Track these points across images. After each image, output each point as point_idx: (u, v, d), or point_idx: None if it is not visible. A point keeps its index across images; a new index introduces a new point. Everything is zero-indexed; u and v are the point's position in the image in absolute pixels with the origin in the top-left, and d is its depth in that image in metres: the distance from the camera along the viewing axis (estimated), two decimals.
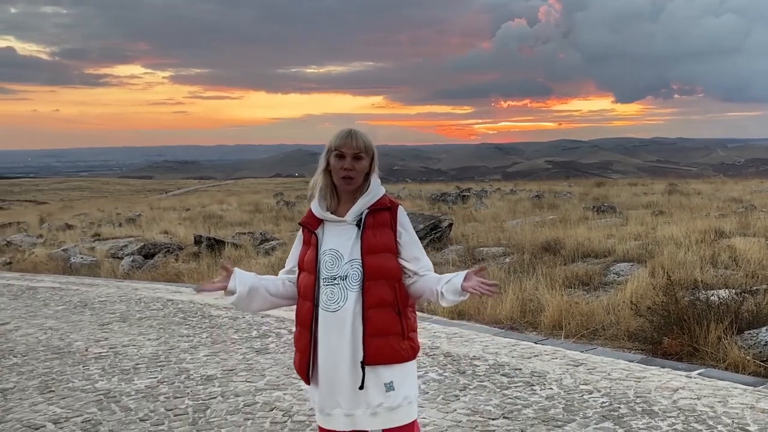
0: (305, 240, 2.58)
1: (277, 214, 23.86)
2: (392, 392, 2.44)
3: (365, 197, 2.50)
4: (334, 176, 2.50)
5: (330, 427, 2.52)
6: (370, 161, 2.52)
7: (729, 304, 6.12)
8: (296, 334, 2.57)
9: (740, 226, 11.33)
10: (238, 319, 7.26)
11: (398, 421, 2.48)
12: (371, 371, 2.43)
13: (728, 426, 3.82)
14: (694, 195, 21.62)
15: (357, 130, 2.52)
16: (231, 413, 4.30)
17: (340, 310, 2.43)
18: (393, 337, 2.44)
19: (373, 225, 2.48)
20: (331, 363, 2.45)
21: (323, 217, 2.53)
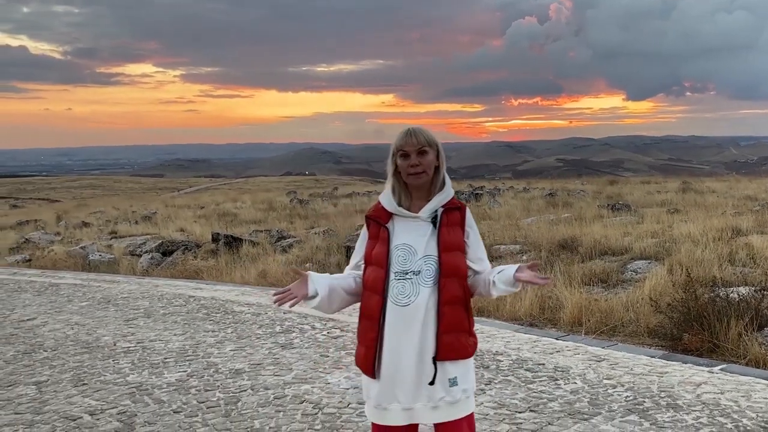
0: (372, 234, 2.58)
1: (291, 212, 23.99)
2: (455, 387, 2.48)
3: (440, 195, 2.53)
4: (403, 175, 2.52)
5: (385, 422, 2.53)
6: (436, 154, 2.53)
7: (749, 301, 6.16)
8: (362, 328, 2.58)
9: (757, 224, 11.34)
10: (261, 315, 7.37)
11: (457, 414, 2.51)
12: (440, 366, 2.45)
13: (753, 419, 3.88)
14: (708, 193, 21.55)
15: (416, 127, 2.55)
16: (262, 405, 4.40)
17: (411, 304, 2.45)
18: (462, 334, 2.49)
19: (447, 223, 2.51)
20: (397, 357, 2.46)
21: (396, 211, 2.53)
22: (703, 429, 3.76)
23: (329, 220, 19.14)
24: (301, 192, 37.82)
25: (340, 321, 6.96)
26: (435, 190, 2.53)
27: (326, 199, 29.96)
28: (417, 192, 2.54)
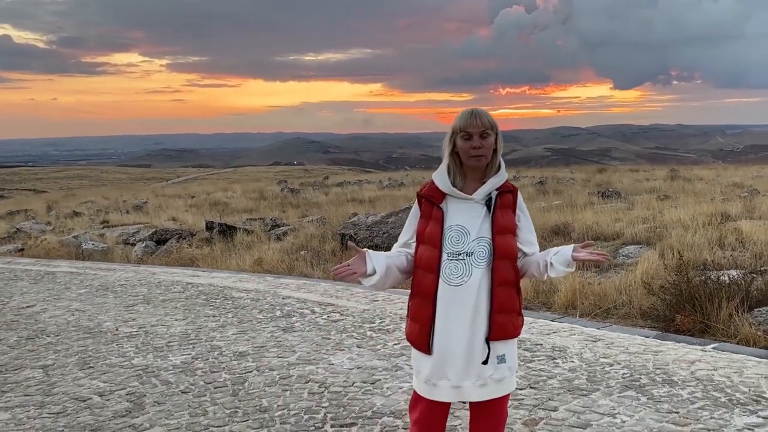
0: (425, 213, 2.58)
1: (282, 201, 24.03)
2: (503, 364, 2.54)
3: (496, 178, 2.55)
4: (463, 156, 2.54)
5: (434, 397, 2.56)
6: (495, 138, 2.55)
7: (739, 283, 6.31)
8: (415, 305, 2.59)
9: (745, 209, 11.53)
10: (260, 301, 7.46)
11: (503, 391, 2.58)
12: (491, 346, 2.52)
13: (745, 393, 4.02)
14: (696, 180, 21.80)
15: (480, 109, 2.55)
16: (268, 385, 4.50)
17: (464, 285, 2.48)
18: (513, 314, 2.55)
19: (501, 206, 2.54)
20: (448, 335, 2.50)
21: (451, 192, 2.55)
22: (698, 403, 3.90)
23: (321, 209, 19.21)
24: (291, 181, 37.82)
25: (338, 306, 7.06)
26: (490, 173, 2.56)
27: (317, 188, 30.00)
28: (472, 173, 2.57)
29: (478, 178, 2.56)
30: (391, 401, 4.11)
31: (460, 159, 2.56)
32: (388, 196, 21.91)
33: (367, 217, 12.12)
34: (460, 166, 2.57)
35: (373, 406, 4.04)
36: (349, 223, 12.11)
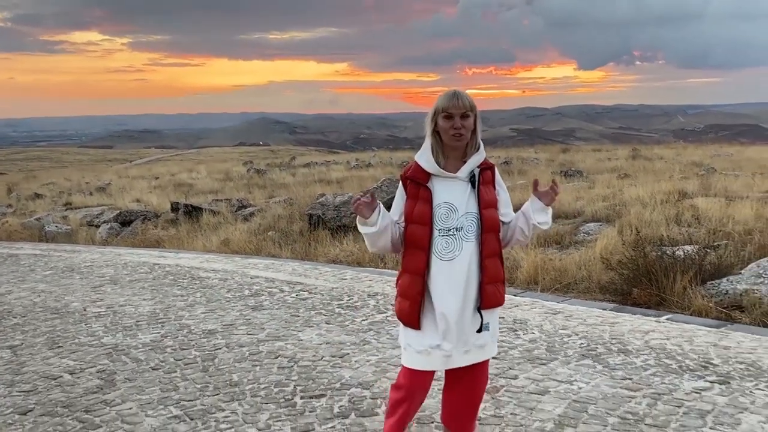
0: (411, 194, 2.70)
1: (248, 182, 23.92)
2: (486, 332, 2.70)
3: (477, 156, 2.69)
4: (444, 136, 2.66)
5: (427, 367, 2.70)
6: (475, 119, 2.68)
7: (693, 257, 6.57)
8: (406, 283, 2.71)
9: (702, 187, 11.89)
10: (228, 280, 7.52)
11: (485, 356, 2.75)
12: (476, 314, 2.67)
13: (695, 360, 4.24)
14: (656, 159, 22.29)
15: (461, 91, 2.68)
16: (238, 361, 4.59)
17: (456, 259, 2.63)
18: (500, 284, 2.71)
19: (483, 182, 2.69)
20: (441, 307, 2.63)
21: (436, 172, 2.67)
22: (651, 369, 4.10)
23: (288, 190, 19.19)
24: (257, 162, 37.57)
25: (307, 285, 7.16)
26: (470, 151, 2.70)
27: (284, 168, 29.89)
28: (453, 153, 2.70)
29: (459, 157, 2.69)
30: (359, 373, 4.24)
31: (441, 138, 2.67)
32: (355, 176, 21.97)
33: (335, 198, 12.18)
34: (442, 145, 2.68)
35: (341, 378, 4.16)
36: (316, 204, 12.16)
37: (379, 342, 4.91)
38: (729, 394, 3.68)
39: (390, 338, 4.98)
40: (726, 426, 3.29)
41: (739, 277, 6.35)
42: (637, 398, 3.66)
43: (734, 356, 4.30)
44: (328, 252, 9.54)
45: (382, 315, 5.70)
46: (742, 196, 10.45)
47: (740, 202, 9.62)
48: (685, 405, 3.55)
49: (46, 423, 3.67)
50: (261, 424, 3.53)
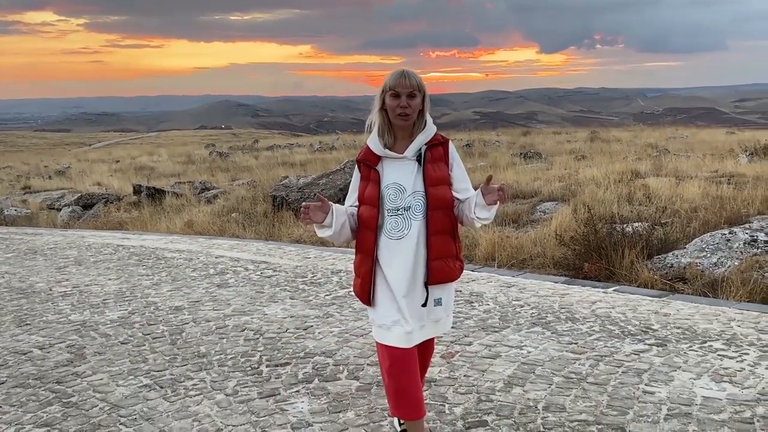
0: (364, 176, 2.77)
1: (211, 165, 23.84)
2: (438, 307, 2.75)
3: (423, 134, 2.72)
4: (390, 114, 2.69)
5: (387, 342, 2.73)
6: (422, 99, 2.70)
7: (641, 233, 6.92)
8: (357, 261, 2.79)
9: (654, 167, 12.32)
10: (193, 260, 7.63)
11: (440, 331, 2.82)
12: (429, 290, 2.72)
13: (636, 326, 4.55)
14: (614, 142, 22.85)
15: (409, 70, 2.70)
16: (205, 334, 4.76)
17: (404, 237, 2.68)
18: (450, 259, 2.73)
19: (431, 160, 2.70)
20: (394, 285, 2.68)
21: (383, 154, 2.71)
22: (595, 335, 4.39)
23: (251, 173, 19.21)
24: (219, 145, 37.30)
25: (271, 263, 7.32)
26: (417, 131, 2.73)
27: (247, 151, 29.78)
28: (401, 132, 2.74)
29: (407, 137, 2.73)
30: (323, 343, 4.44)
31: (389, 117, 2.71)
32: (319, 159, 22.05)
33: (298, 180, 12.32)
34: (389, 125, 2.73)
35: (305, 348, 4.36)
36: (280, 185, 12.28)
37: (342, 315, 5.12)
38: (665, 355, 3.98)
39: (352, 311, 5.20)
40: (660, 383, 3.58)
41: (684, 252, 6.71)
42: (581, 360, 3.94)
43: (673, 322, 4.62)
44: (292, 232, 9.70)
45: (344, 290, 5.91)
46: (691, 176, 10.88)
47: (689, 182, 10.04)
48: (625, 365, 3.84)
49: (19, 394, 3.80)
50: (229, 390, 3.71)
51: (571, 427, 3.12)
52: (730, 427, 3.05)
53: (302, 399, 3.56)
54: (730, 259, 6.32)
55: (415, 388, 2.78)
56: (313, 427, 3.23)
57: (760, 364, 3.79)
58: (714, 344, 4.14)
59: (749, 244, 6.60)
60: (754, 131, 28.80)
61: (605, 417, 3.20)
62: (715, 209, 8.07)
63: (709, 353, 3.99)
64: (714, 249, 6.62)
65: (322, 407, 3.45)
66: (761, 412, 3.19)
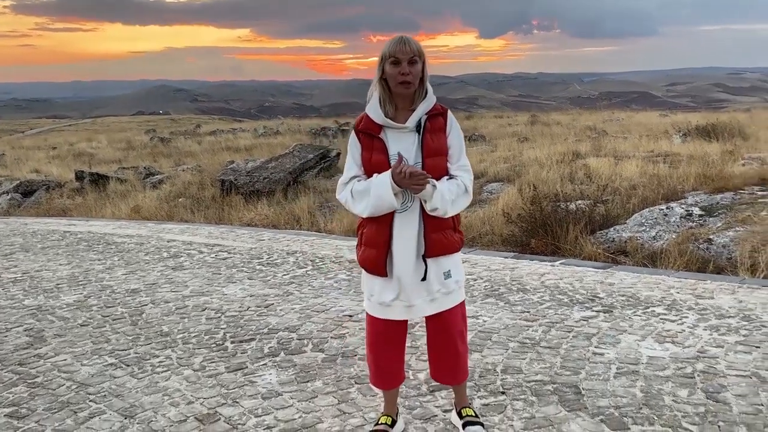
0: (366, 145, 2.65)
1: (152, 151, 23.41)
2: (449, 279, 2.70)
3: (425, 103, 2.62)
4: (391, 83, 2.58)
5: (387, 316, 2.71)
6: (422, 66, 2.60)
7: (584, 210, 7.22)
8: (371, 232, 2.66)
9: (593, 148, 12.76)
10: (145, 244, 7.58)
11: (452, 303, 2.75)
12: (433, 262, 2.65)
13: (584, 295, 4.80)
14: (554, 125, 23.43)
15: (408, 36, 2.58)
16: (166, 315, 4.78)
17: (408, 210, 2.62)
18: (448, 231, 2.68)
19: (431, 130, 2.61)
20: (399, 258, 2.63)
21: (384, 123, 2.61)
22: (546, 304, 4.62)
23: (196, 158, 18.96)
24: (160, 131, 36.55)
25: (225, 246, 7.34)
26: (418, 99, 2.63)
27: (189, 137, 29.29)
28: (402, 101, 2.64)
29: (408, 106, 2.64)
30: (285, 320, 4.54)
31: (389, 86, 2.61)
32: (264, 144, 21.90)
33: (247, 164, 12.26)
34: (390, 94, 2.62)
35: (268, 325, 4.45)
36: (228, 170, 12.20)
37: (302, 293, 5.21)
38: (611, 320, 4.24)
39: (312, 289, 5.30)
40: (608, 345, 3.82)
41: (624, 227, 7.05)
42: (533, 327, 4.16)
43: (617, 290, 4.90)
44: (243, 216, 9.69)
45: (302, 270, 6.00)
46: (629, 156, 11.33)
47: (627, 161, 10.45)
48: (575, 330, 4.07)
49: None
50: (196, 366, 3.78)
51: (529, 386, 3.32)
52: (674, 382, 3.30)
53: (270, 371, 3.66)
54: (668, 232, 6.68)
55: (396, 362, 2.84)
56: (284, 396, 3.34)
57: (698, 326, 4.08)
58: (656, 309, 4.42)
59: (685, 218, 6.98)
60: (685, 114, 29.95)
61: (560, 377, 3.41)
62: (652, 186, 8.46)
63: (651, 317, 4.26)
64: (653, 223, 6.98)
65: (290, 378, 3.56)
66: (701, 368, 3.46)
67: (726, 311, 4.34)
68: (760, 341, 3.79)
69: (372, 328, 2.80)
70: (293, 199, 10.32)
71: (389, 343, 2.80)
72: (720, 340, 3.82)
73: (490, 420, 2.99)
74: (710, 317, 4.23)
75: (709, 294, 4.74)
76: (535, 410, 3.07)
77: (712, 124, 14.70)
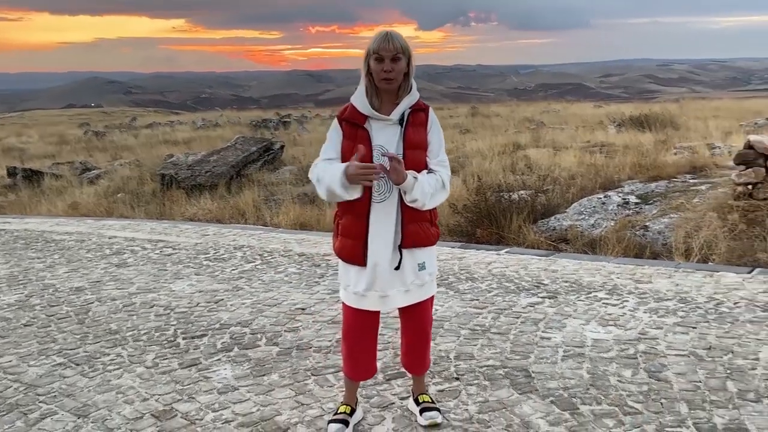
0: (348, 135, 2.69)
1: (87, 145, 22.76)
2: (423, 271, 2.76)
3: (409, 97, 2.69)
4: (375, 79, 2.64)
5: (364, 306, 2.75)
6: (407, 62, 2.65)
7: (526, 200, 7.42)
8: (347, 223, 2.72)
9: (533, 139, 13.08)
10: (86, 241, 7.39)
11: (425, 295, 2.81)
12: (409, 254, 2.71)
13: (529, 282, 4.96)
14: (494, 116, 23.86)
15: (393, 32, 2.63)
16: (113, 312, 4.70)
17: (386, 200, 2.67)
18: (425, 224, 2.74)
19: (413, 123, 2.68)
20: (375, 248, 2.68)
21: (370, 114, 2.66)
22: (494, 291, 4.75)
23: (133, 152, 18.54)
24: (94, 124, 35.47)
25: (170, 242, 7.23)
26: (403, 94, 2.69)
27: (125, 130, 28.56)
28: (386, 95, 2.70)
29: (392, 100, 2.69)
30: (237, 315, 4.52)
31: (374, 81, 2.67)
32: (203, 136, 21.56)
33: (187, 157, 12.08)
34: (376, 88, 2.68)
35: (220, 320, 4.43)
36: (168, 163, 11.99)
37: (252, 287, 5.20)
38: (557, 305, 4.39)
39: (262, 283, 5.29)
40: (554, 330, 3.96)
41: (565, 215, 7.28)
42: (483, 314, 4.27)
43: (561, 277, 5.07)
44: (185, 211, 9.56)
45: (251, 264, 5.97)
46: (567, 146, 11.67)
47: (565, 152, 10.78)
48: (522, 316, 4.21)
49: None
50: (148, 363, 3.74)
51: (481, 372, 3.42)
52: (618, 363, 3.46)
53: (224, 366, 3.66)
54: (606, 220, 6.93)
55: (369, 353, 2.90)
56: (240, 390, 3.34)
57: (638, 309, 4.28)
58: (598, 294, 4.60)
59: (622, 206, 7.25)
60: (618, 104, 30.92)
61: (510, 361, 3.53)
62: (590, 176, 8.75)
63: (594, 302, 4.44)
64: (591, 212, 7.23)
65: (246, 372, 3.56)
66: (642, 349, 3.63)
67: (664, 294, 4.55)
68: (696, 322, 4.00)
69: (347, 319, 2.85)
70: (237, 192, 10.23)
71: (363, 333, 2.86)
72: (659, 322, 4.01)
73: (445, 405, 3.08)
74: (649, 300, 4.43)
75: (648, 278, 4.96)
76: (488, 394, 3.17)
77: (645, 115, 15.26)
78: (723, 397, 3.05)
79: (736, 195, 6.36)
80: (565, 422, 2.88)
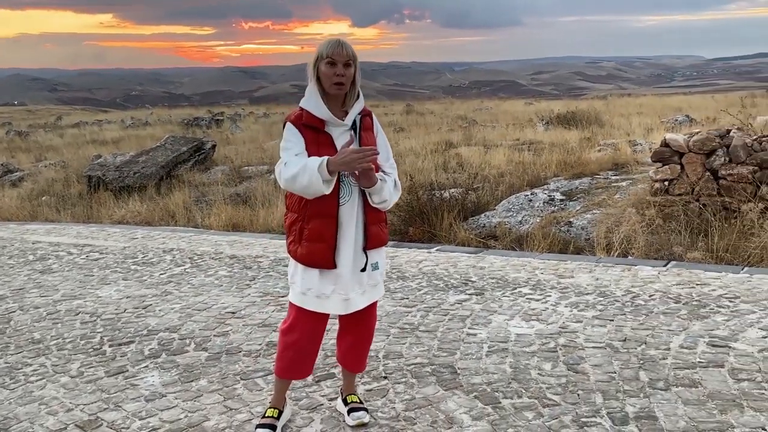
0: (311, 140, 2.68)
1: (9, 145, 21.86)
2: (376, 271, 2.83)
3: (359, 103, 2.75)
4: (326, 83, 2.67)
5: (325, 309, 2.76)
6: (355, 69, 2.70)
7: (457, 198, 7.57)
8: (317, 226, 2.69)
9: (465, 138, 13.31)
10: (7, 247, 7.15)
11: (378, 295, 2.88)
12: (369, 255, 2.78)
13: (458, 279, 5.08)
14: (428, 114, 24.14)
15: (345, 40, 2.69)
16: (36, 321, 4.57)
17: (347, 203, 2.70)
18: (382, 224, 2.83)
19: (364, 129, 2.76)
20: (345, 249, 2.71)
21: (329, 119, 2.68)
22: (423, 290, 4.85)
23: (58, 152, 17.93)
24: (17, 123, 34.09)
25: (96, 246, 7.06)
26: (350, 100, 2.73)
27: (50, 129, 27.58)
28: (334, 101, 2.72)
29: (339, 106, 2.73)
30: (165, 320, 4.47)
31: (322, 85, 2.70)
32: (133, 136, 21.02)
33: (115, 158, 11.77)
34: (324, 93, 2.71)
35: (147, 326, 4.37)
36: (95, 164, 11.66)
37: (181, 291, 5.14)
38: (483, 302, 4.52)
39: (191, 287, 5.24)
40: (480, 326, 4.08)
41: (494, 212, 7.46)
42: (413, 312, 4.36)
43: (488, 274, 5.21)
44: (113, 214, 9.34)
45: (180, 268, 5.90)
46: (497, 145, 11.92)
47: (495, 150, 11.01)
48: (450, 313, 4.31)
49: None
50: (73, 372, 3.66)
51: (409, 370, 3.50)
52: (539, 357, 3.60)
53: (152, 373, 3.62)
54: (533, 216, 7.14)
55: (314, 355, 2.93)
56: (168, 398, 3.32)
57: (560, 303, 4.45)
58: (523, 290, 4.76)
59: (547, 203, 7.49)
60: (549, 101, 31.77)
61: (437, 358, 3.62)
62: (518, 174, 8.97)
63: (519, 298, 4.59)
64: (519, 209, 7.43)
65: (174, 378, 3.54)
66: (562, 342, 3.78)
67: (584, 288, 4.75)
68: (614, 315, 4.19)
69: (300, 322, 2.81)
70: (167, 194, 10.04)
71: (315, 336, 2.87)
72: (579, 316, 4.19)
73: (373, 404, 3.14)
74: (571, 295, 4.61)
75: (570, 273, 5.15)
76: (415, 392, 3.25)
77: (572, 113, 15.74)
78: (635, 386, 3.21)
79: (653, 191, 6.66)
80: (487, 416, 2.99)
